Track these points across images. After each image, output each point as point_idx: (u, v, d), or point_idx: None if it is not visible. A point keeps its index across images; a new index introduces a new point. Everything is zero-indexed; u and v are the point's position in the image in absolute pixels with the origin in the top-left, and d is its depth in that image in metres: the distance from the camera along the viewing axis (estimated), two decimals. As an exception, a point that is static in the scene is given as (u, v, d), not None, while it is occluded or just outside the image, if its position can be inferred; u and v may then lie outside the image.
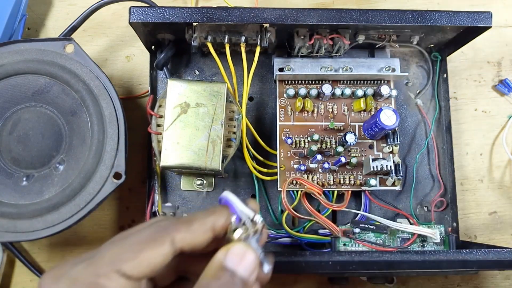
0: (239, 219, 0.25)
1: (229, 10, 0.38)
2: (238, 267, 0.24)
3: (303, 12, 0.38)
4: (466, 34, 0.42)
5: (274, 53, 0.46)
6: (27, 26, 0.50)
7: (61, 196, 0.38)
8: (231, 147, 0.40)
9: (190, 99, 0.38)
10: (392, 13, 0.38)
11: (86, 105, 0.39)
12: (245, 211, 0.25)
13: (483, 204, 0.48)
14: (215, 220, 0.25)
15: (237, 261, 0.24)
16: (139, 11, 0.37)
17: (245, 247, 0.24)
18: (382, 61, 0.45)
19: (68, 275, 0.22)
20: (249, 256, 0.24)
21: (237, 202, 0.26)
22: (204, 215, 0.25)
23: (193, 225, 0.24)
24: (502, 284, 0.48)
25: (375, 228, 0.42)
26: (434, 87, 0.47)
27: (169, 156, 0.38)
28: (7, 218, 0.37)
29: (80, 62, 0.40)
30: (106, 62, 0.50)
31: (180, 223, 0.24)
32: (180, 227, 0.24)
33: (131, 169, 0.40)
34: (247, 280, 0.24)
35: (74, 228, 0.39)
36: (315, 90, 0.43)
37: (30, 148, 0.40)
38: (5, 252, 0.45)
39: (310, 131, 0.44)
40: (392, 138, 0.43)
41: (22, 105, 0.40)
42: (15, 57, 0.39)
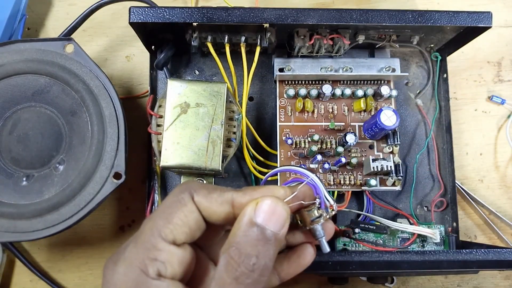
0: (323, 203, 0.27)
1: (229, 10, 0.38)
2: (269, 222, 0.23)
3: (303, 12, 0.38)
4: (466, 34, 0.42)
5: (274, 53, 0.46)
6: (27, 26, 0.50)
7: (61, 196, 0.38)
8: (231, 147, 0.40)
9: (190, 99, 0.38)
10: (392, 13, 0.38)
11: (86, 105, 0.39)
12: (328, 197, 0.27)
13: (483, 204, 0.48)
14: (237, 197, 0.25)
15: (267, 217, 0.23)
16: (139, 11, 0.37)
17: (275, 202, 0.24)
18: (382, 61, 0.45)
19: (123, 258, 0.23)
20: (279, 211, 0.24)
21: (322, 187, 0.27)
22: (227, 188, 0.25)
23: (213, 193, 0.25)
24: (502, 284, 0.48)
25: (375, 228, 0.42)
26: (434, 87, 0.47)
27: (169, 156, 0.38)
28: (7, 218, 0.37)
29: (80, 62, 0.40)
30: (106, 62, 0.50)
31: (202, 187, 0.25)
32: (200, 190, 0.25)
33: (131, 169, 0.40)
34: (277, 235, 0.24)
35: (74, 228, 0.39)
36: (315, 90, 0.43)
37: (30, 148, 0.40)
38: (5, 252, 0.45)
39: (310, 132, 0.44)
40: (392, 138, 0.43)
41: (22, 105, 0.40)
42: (15, 57, 0.39)
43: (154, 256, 0.23)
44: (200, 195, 0.24)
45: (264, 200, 0.24)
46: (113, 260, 0.24)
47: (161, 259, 0.23)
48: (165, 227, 0.23)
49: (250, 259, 0.23)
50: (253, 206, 0.24)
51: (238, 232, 0.23)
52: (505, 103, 0.50)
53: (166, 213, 0.24)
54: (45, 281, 0.45)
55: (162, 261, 0.23)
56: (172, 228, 0.23)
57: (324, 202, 0.27)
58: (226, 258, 0.23)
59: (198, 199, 0.24)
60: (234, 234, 0.23)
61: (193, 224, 0.24)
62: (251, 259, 0.23)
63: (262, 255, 0.23)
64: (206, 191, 0.25)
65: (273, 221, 0.23)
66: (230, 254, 0.23)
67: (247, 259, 0.23)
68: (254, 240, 0.23)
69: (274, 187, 0.26)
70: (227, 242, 0.24)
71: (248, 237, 0.23)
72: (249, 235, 0.23)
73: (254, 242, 0.23)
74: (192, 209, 0.24)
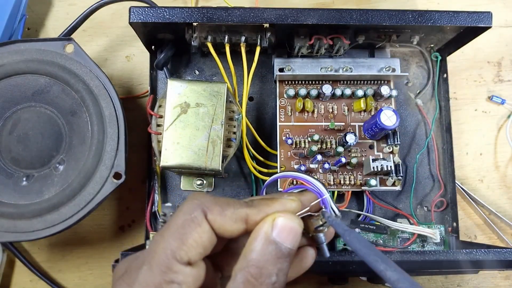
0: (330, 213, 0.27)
1: (229, 10, 0.38)
2: (285, 239, 0.23)
3: (303, 12, 0.38)
4: (466, 34, 0.42)
5: (274, 53, 0.46)
6: (27, 26, 0.50)
7: (61, 196, 0.38)
8: (231, 147, 0.40)
9: (190, 99, 0.38)
10: (392, 13, 0.38)
11: (86, 105, 0.39)
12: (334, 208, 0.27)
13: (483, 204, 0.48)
14: (251, 214, 0.24)
15: (284, 234, 0.24)
16: (139, 11, 0.37)
17: (290, 219, 0.24)
18: (382, 61, 0.45)
19: (138, 281, 0.23)
20: (295, 227, 0.24)
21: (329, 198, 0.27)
22: (241, 204, 0.25)
23: (227, 210, 0.24)
24: (502, 284, 0.48)
25: (375, 228, 0.42)
26: (434, 87, 0.47)
27: (169, 156, 0.38)
28: (7, 218, 0.37)
29: (80, 62, 0.40)
30: (106, 62, 0.50)
31: (215, 204, 0.24)
32: (213, 208, 0.24)
33: (131, 169, 0.40)
34: (292, 250, 0.24)
35: (74, 228, 0.39)
36: (315, 90, 0.43)
37: (30, 148, 0.40)
38: (5, 252, 0.45)
39: (310, 132, 0.44)
40: (392, 138, 0.42)
41: (22, 105, 0.40)
42: (15, 57, 0.39)
43: (170, 279, 0.22)
44: (214, 213, 0.24)
45: (279, 217, 0.24)
46: (127, 283, 0.23)
47: (178, 281, 0.23)
48: (180, 249, 0.23)
49: (270, 278, 0.23)
50: (270, 223, 0.24)
51: (256, 250, 0.23)
52: (505, 103, 0.50)
53: (180, 233, 0.23)
54: (45, 281, 0.45)
55: (179, 283, 0.23)
56: (187, 249, 0.23)
57: (330, 212, 0.27)
58: (245, 275, 0.23)
59: (212, 218, 0.24)
60: (250, 251, 0.23)
61: (207, 244, 0.24)
62: (271, 277, 0.23)
63: (281, 273, 0.23)
64: (219, 208, 0.24)
65: (289, 238, 0.24)
66: (250, 272, 0.23)
67: (268, 278, 0.23)
68: (274, 258, 0.23)
69: (287, 201, 0.26)
70: (243, 259, 0.23)
71: (266, 255, 0.23)
72: (268, 252, 0.23)
73: (273, 260, 0.23)
74: (206, 229, 0.24)
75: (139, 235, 0.47)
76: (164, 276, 0.22)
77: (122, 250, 0.37)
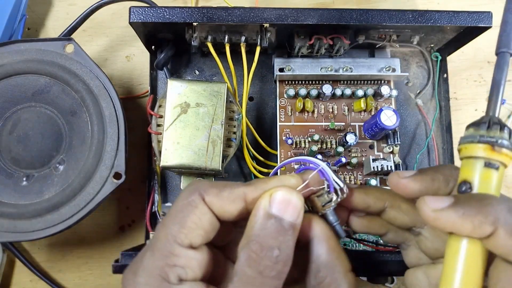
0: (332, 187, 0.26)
1: (229, 10, 0.38)
2: (285, 213, 0.23)
3: (303, 12, 0.38)
4: (466, 34, 0.42)
5: (274, 53, 0.46)
6: (27, 26, 0.50)
7: (61, 196, 0.38)
8: (231, 147, 0.40)
9: (190, 99, 0.38)
10: (392, 13, 0.38)
11: (86, 105, 0.39)
12: (337, 180, 0.26)
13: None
14: (248, 191, 0.24)
15: (283, 207, 0.23)
16: (139, 11, 0.37)
17: (288, 192, 0.24)
18: (382, 61, 0.45)
19: (142, 267, 0.23)
20: (294, 200, 0.24)
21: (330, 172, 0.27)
22: (238, 184, 0.25)
23: (223, 191, 0.24)
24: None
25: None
26: (434, 87, 0.47)
27: (169, 156, 0.38)
28: (7, 218, 0.37)
29: (80, 62, 0.40)
30: (106, 62, 0.50)
31: (211, 186, 0.24)
32: (209, 190, 0.24)
33: (131, 169, 0.40)
34: (294, 224, 0.23)
35: (74, 228, 0.39)
36: (315, 90, 0.43)
37: (30, 148, 0.40)
38: (5, 252, 0.45)
39: (310, 132, 0.44)
40: (393, 138, 0.42)
41: (22, 105, 0.40)
42: (15, 57, 0.39)
43: (173, 262, 0.22)
44: (211, 195, 0.24)
45: (277, 191, 0.23)
46: (132, 270, 0.23)
47: (180, 264, 0.23)
48: (179, 232, 0.23)
49: (272, 252, 0.22)
50: (267, 198, 0.23)
51: (256, 226, 0.23)
52: (505, 103, 0.50)
53: (179, 217, 0.23)
54: (45, 281, 0.45)
55: (182, 266, 0.23)
56: (187, 232, 0.23)
57: (333, 185, 0.26)
58: (247, 252, 0.23)
59: (209, 199, 0.24)
60: (251, 228, 0.23)
61: (207, 226, 0.24)
62: (273, 251, 0.22)
63: (284, 246, 0.23)
64: (216, 190, 0.24)
65: (289, 211, 0.23)
66: (251, 248, 0.22)
67: (269, 251, 0.22)
68: (274, 232, 0.23)
69: (284, 177, 0.25)
70: (245, 237, 0.23)
71: (267, 229, 0.23)
72: (268, 227, 0.23)
73: (273, 234, 0.23)
74: (204, 211, 0.24)
75: (139, 235, 0.47)
76: (166, 260, 0.22)
77: (122, 250, 0.37)
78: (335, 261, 0.24)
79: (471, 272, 0.22)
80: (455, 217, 0.21)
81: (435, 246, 0.26)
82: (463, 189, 0.23)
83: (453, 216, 0.21)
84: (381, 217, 0.28)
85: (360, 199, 0.27)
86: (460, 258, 0.22)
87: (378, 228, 0.28)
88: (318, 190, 0.27)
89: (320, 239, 0.25)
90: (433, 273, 0.26)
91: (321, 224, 0.25)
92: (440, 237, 0.26)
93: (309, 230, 0.25)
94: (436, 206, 0.21)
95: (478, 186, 0.22)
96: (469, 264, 0.22)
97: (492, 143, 0.22)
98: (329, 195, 0.26)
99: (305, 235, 0.25)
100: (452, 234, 0.22)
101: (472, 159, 0.23)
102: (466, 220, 0.21)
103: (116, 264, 0.36)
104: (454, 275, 0.22)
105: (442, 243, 0.26)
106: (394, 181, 0.26)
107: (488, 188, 0.22)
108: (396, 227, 0.28)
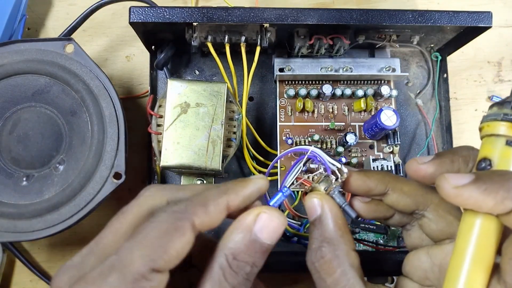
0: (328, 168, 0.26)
1: (229, 10, 0.38)
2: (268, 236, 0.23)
3: (303, 12, 0.38)
4: (466, 34, 0.42)
5: (274, 53, 0.46)
6: (27, 26, 0.50)
7: (61, 196, 0.38)
8: (231, 147, 0.40)
9: (190, 99, 0.38)
10: (392, 13, 0.38)
11: (86, 105, 0.39)
12: (333, 162, 0.27)
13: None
14: (230, 200, 0.24)
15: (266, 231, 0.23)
16: (139, 11, 0.37)
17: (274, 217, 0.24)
18: (382, 61, 0.45)
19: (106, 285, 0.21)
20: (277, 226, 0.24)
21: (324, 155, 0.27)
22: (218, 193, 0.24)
23: (209, 207, 0.23)
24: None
25: (375, 228, 0.42)
26: (434, 87, 0.47)
27: (169, 156, 0.38)
28: (7, 218, 0.37)
29: (80, 62, 0.40)
30: (106, 62, 0.50)
31: (196, 205, 0.23)
32: (197, 210, 0.23)
33: (131, 169, 0.40)
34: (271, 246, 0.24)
35: (74, 228, 0.39)
36: (315, 90, 0.43)
37: (30, 148, 0.40)
38: (5, 252, 0.45)
39: (310, 132, 0.44)
40: (393, 138, 0.43)
41: (22, 105, 0.40)
42: (15, 57, 0.39)
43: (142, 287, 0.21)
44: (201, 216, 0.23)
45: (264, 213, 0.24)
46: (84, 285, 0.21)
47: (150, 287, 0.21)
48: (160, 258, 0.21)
49: (245, 268, 0.23)
50: (254, 217, 0.23)
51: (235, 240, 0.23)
52: (505, 103, 0.50)
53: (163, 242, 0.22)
54: (45, 281, 0.45)
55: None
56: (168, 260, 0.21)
57: (328, 166, 0.26)
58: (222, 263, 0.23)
59: (199, 221, 0.23)
60: (230, 240, 0.23)
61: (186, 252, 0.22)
62: (246, 268, 0.23)
63: (256, 265, 0.23)
64: (203, 209, 0.23)
65: (270, 234, 0.23)
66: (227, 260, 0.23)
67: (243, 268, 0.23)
68: (251, 250, 0.23)
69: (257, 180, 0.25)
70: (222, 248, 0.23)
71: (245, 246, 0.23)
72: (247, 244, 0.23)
73: (250, 252, 0.23)
74: (190, 239, 0.22)
75: (139, 235, 0.47)
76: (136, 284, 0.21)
77: (122, 250, 0.37)
78: (339, 238, 0.24)
79: (484, 248, 0.22)
80: (477, 193, 0.21)
81: (439, 227, 0.26)
82: (483, 165, 0.23)
83: (475, 192, 0.21)
84: (384, 201, 0.28)
85: (362, 181, 0.27)
86: (474, 234, 0.22)
87: (385, 211, 0.28)
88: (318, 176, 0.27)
89: (327, 216, 0.25)
90: (437, 254, 0.26)
91: (329, 203, 0.25)
92: (445, 218, 0.26)
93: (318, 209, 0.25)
94: (458, 183, 0.21)
95: (498, 163, 0.22)
96: (482, 240, 0.22)
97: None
98: (329, 179, 0.26)
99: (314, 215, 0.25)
100: (467, 210, 0.22)
101: (494, 137, 0.23)
102: (488, 196, 0.20)
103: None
104: (467, 250, 0.22)
105: (446, 225, 0.26)
106: (414, 168, 0.25)
107: (508, 166, 0.22)
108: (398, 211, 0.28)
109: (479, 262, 0.22)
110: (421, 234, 0.28)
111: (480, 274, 0.22)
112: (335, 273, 0.24)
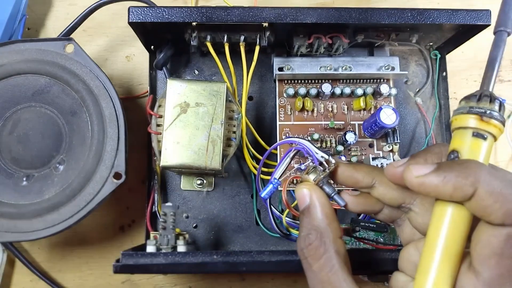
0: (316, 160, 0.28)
1: (228, 9, 0.38)
2: None
3: (302, 11, 0.38)
4: (465, 32, 0.42)
5: (274, 52, 0.46)
6: (27, 26, 0.50)
7: (61, 196, 0.38)
8: (231, 147, 0.40)
9: (190, 98, 0.38)
10: (391, 12, 0.38)
11: (86, 105, 0.39)
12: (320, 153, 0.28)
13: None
14: None
15: None
16: (138, 11, 0.37)
17: None
18: (382, 60, 0.45)
19: None
20: None
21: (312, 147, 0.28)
22: None
23: None
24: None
25: (376, 227, 0.42)
26: (433, 86, 0.47)
27: (169, 156, 0.38)
28: (7, 218, 0.38)
29: (80, 62, 0.40)
30: (106, 62, 0.50)
31: None
32: None
33: (131, 169, 0.40)
34: None
35: (74, 228, 0.39)
36: (315, 89, 0.43)
37: (30, 148, 0.40)
38: (5, 252, 0.45)
39: (310, 131, 0.44)
40: (392, 137, 0.43)
41: (22, 105, 0.40)
42: (15, 57, 0.40)
43: None
44: None
45: None
46: None
47: None
48: None
49: None
50: None
51: None
52: (505, 103, 0.49)
53: None
54: (45, 281, 0.45)
55: None
56: None
57: (316, 158, 0.27)
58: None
59: None
60: None
61: None
62: None
63: None
64: None
65: None
66: None
67: None
68: None
69: None
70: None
71: None
72: None
73: None
74: None
75: (139, 235, 0.47)
76: None
77: (122, 250, 0.37)
78: (326, 226, 0.25)
79: (453, 236, 0.22)
80: (437, 181, 0.21)
81: (425, 220, 0.27)
82: (451, 157, 0.23)
83: (435, 180, 0.22)
84: (371, 194, 0.28)
85: (349, 173, 0.28)
86: (444, 222, 0.23)
87: (374, 204, 0.29)
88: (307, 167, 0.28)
89: (315, 205, 0.26)
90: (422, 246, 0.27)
91: (317, 193, 0.26)
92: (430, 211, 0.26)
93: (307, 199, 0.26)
94: (420, 173, 0.22)
95: (464, 154, 0.23)
96: (452, 229, 0.22)
97: (481, 113, 0.23)
98: (316, 170, 0.27)
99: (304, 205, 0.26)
100: (438, 201, 0.23)
101: (462, 129, 0.23)
102: (448, 184, 0.21)
103: (117, 264, 0.36)
104: (438, 239, 0.23)
105: None
106: (391, 172, 0.26)
107: (474, 155, 0.23)
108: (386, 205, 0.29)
109: (449, 250, 0.22)
110: (412, 229, 0.28)
111: (450, 262, 0.22)
112: (321, 259, 0.25)
